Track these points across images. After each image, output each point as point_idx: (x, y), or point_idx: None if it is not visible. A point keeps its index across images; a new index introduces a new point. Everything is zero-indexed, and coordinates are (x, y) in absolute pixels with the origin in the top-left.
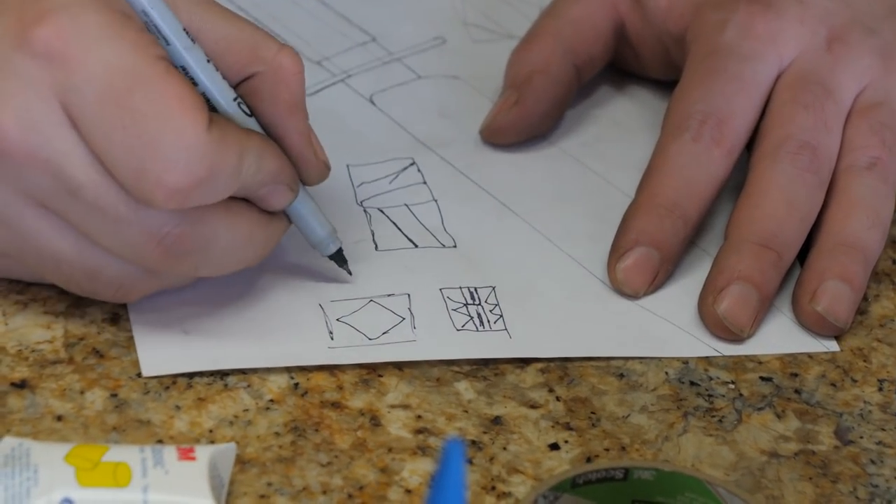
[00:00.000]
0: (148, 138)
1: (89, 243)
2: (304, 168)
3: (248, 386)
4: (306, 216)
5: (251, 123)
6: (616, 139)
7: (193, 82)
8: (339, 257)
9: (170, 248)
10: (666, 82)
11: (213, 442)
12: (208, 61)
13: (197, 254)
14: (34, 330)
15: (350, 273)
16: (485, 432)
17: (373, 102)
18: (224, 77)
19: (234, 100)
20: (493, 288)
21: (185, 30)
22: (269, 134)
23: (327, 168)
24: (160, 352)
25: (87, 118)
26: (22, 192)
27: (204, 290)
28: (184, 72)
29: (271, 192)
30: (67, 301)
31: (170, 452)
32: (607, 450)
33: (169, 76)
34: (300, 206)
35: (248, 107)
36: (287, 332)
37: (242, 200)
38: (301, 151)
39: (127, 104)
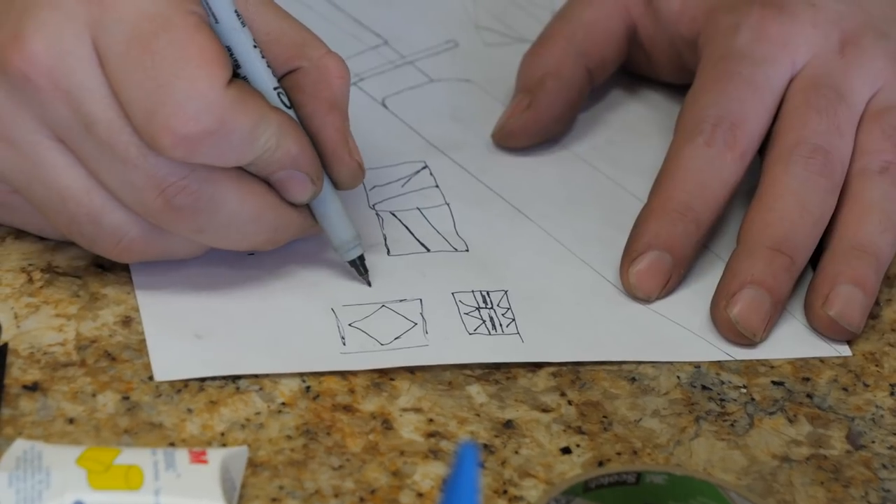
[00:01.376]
0: (163, 81)
1: (96, 184)
2: (338, 166)
3: (260, 389)
4: (331, 216)
5: (290, 115)
6: (628, 143)
7: (236, 64)
8: (359, 264)
9: (171, 200)
10: (678, 86)
11: (224, 445)
12: (255, 46)
13: (199, 215)
14: (46, 332)
15: (370, 285)
16: (497, 436)
17: (385, 106)
18: (269, 66)
19: (275, 89)
20: (506, 292)
21: (236, 12)
22: (306, 128)
23: (361, 170)
24: (173, 357)
25: (113, 56)
26: (41, 121)
27: (217, 294)
28: (229, 52)
29: (290, 178)
30: (79, 304)
31: (182, 455)
32: (619, 454)
33: (197, 29)
34: (326, 205)
35: (289, 99)
36: (299, 337)
37: (260, 180)
38: (336, 148)
39: (151, 47)
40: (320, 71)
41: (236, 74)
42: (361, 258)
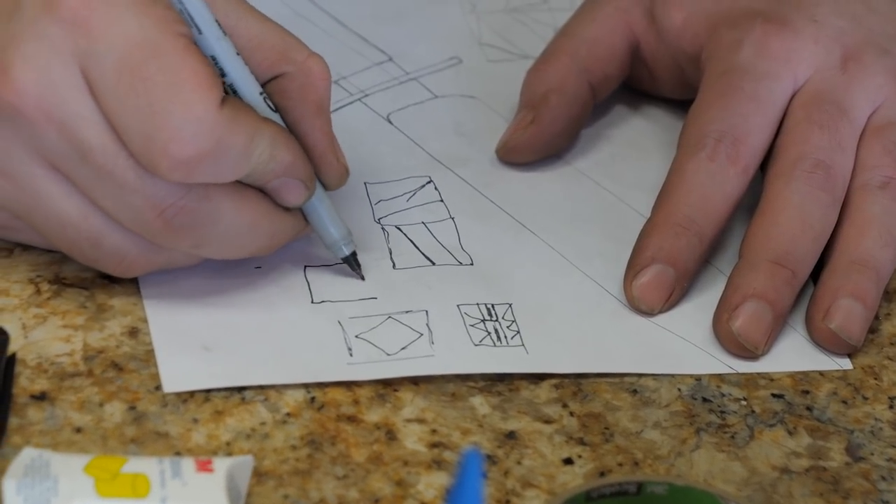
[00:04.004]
0: (158, 107)
1: (95, 209)
2: (325, 169)
3: (266, 399)
4: (322, 216)
5: (275, 119)
6: (631, 158)
7: (222, 73)
8: (352, 260)
9: (170, 221)
10: (681, 101)
11: (230, 454)
12: (237, 54)
13: (198, 231)
14: (53, 343)
15: (363, 278)
16: (499, 447)
17: (390, 121)
18: (252, 72)
19: (260, 93)
20: (510, 305)
21: (217, 22)
22: (293, 132)
23: (347, 172)
24: (181, 368)
25: (104, 84)
26: (35, 152)
27: (224, 307)
28: (213, 62)
29: (284, 185)
30: (86, 314)
31: (188, 464)
32: (620, 465)
33: (186, 52)
34: (316, 205)
35: (274, 104)
36: (307, 349)
37: (254, 189)
38: (323, 151)
39: (142, 73)
40: (305, 75)
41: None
42: (354, 254)
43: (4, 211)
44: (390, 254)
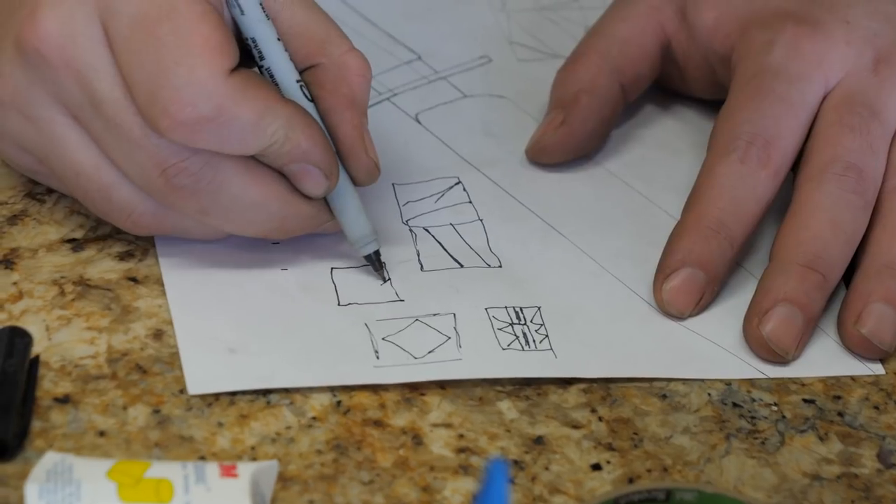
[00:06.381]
0: (164, 67)
1: (107, 161)
2: (353, 163)
3: (291, 403)
4: (347, 210)
5: (309, 108)
6: (661, 159)
7: (260, 56)
8: (375, 260)
9: (171, 180)
10: (711, 102)
11: (255, 459)
12: (278, 39)
13: (201, 197)
14: (77, 345)
15: (385, 280)
16: (527, 452)
17: (418, 121)
18: (291, 59)
19: (297, 81)
20: (539, 308)
21: (261, 5)
22: (325, 124)
23: (377, 168)
24: (206, 370)
25: (120, 39)
26: (56, 98)
27: (250, 309)
28: (252, 44)
29: (303, 171)
30: (111, 317)
31: (212, 469)
32: (649, 471)
33: (201, 18)
34: (342, 199)
35: (310, 93)
36: (333, 351)
37: (272, 170)
38: (352, 145)
39: (155, 32)
40: (340, 68)
41: (259, 66)
42: (377, 253)
43: (30, 155)
44: (418, 256)
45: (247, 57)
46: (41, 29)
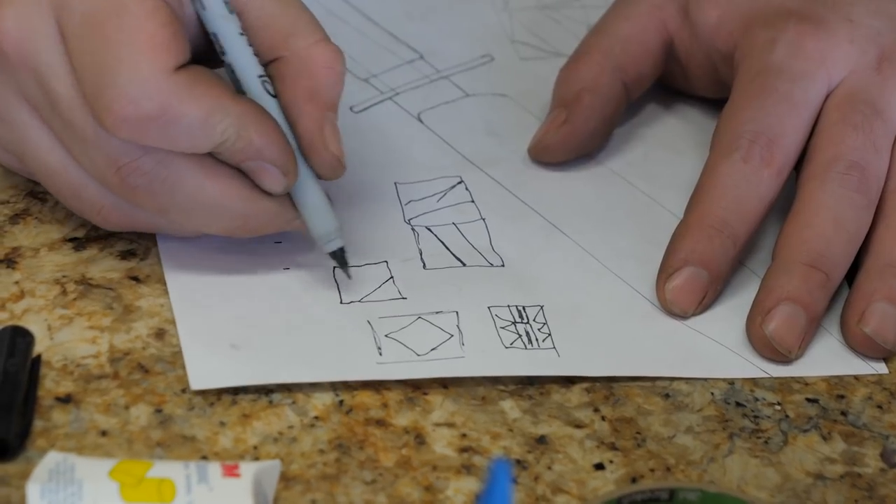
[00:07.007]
0: (109, 65)
1: (72, 161)
2: (313, 158)
3: (293, 403)
4: (309, 207)
5: (271, 104)
6: (664, 158)
7: (222, 51)
8: (339, 257)
9: (125, 179)
10: (714, 100)
11: (257, 458)
12: (241, 34)
13: (156, 195)
14: (79, 345)
15: (349, 277)
16: (529, 451)
17: (420, 120)
18: (256, 53)
19: (259, 76)
20: (542, 307)
21: (225, 0)
22: (287, 118)
23: (339, 163)
24: (209, 366)
25: (71, 37)
26: (23, 98)
27: (252, 305)
28: (215, 39)
29: (259, 168)
30: (113, 316)
31: (214, 469)
32: (652, 470)
33: (150, 15)
34: (305, 194)
35: (274, 88)
36: (335, 347)
37: (230, 168)
38: (310, 139)
39: (102, 30)
40: (303, 61)
41: (221, 62)
42: (342, 250)
43: (11, 154)
44: (421, 254)
45: (213, 50)
46: (1, 28)
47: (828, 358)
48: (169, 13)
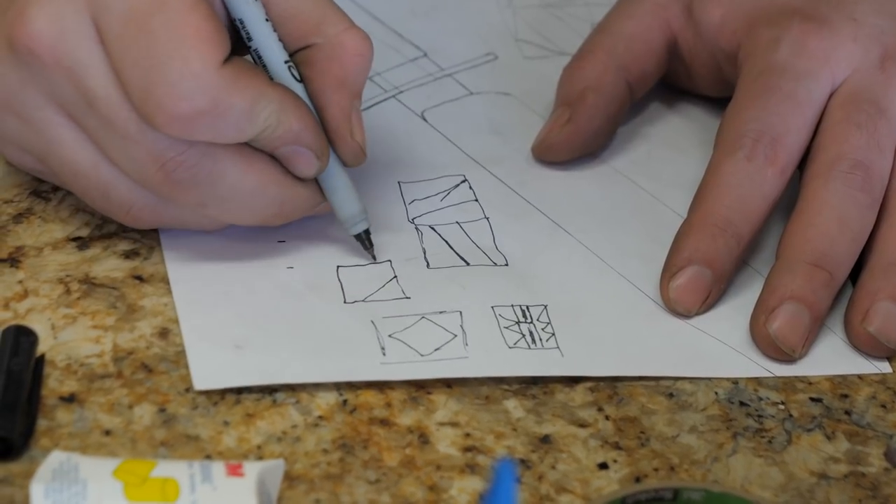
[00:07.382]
0: (157, 61)
1: (104, 159)
2: (339, 145)
3: (297, 402)
4: (337, 189)
5: (298, 89)
6: (668, 157)
7: (248, 37)
8: (364, 239)
9: (171, 175)
10: (718, 99)
11: (261, 458)
12: (266, 20)
13: (200, 188)
14: (83, 344)
15: (374, 258)
16: (533, 451)
17: (424, 119)
18: (281, 40)
19: (286, 62)
20: (546, 306)
21: None
22: (315, 105)
23: (362, 151)
24: (212, 366)
25: (111, 35)
26: (50, 97)
27: (256, 306)
28: (241, 25)
29: (294, 153)
30: (116, 315)
31: (218, 468)
32: (656, 470)
33: (193, 8)
34: (333, 179)
35: (300, 73)
36: (339, 347)
37: (264, 155)
38: (337, 126)
39: (146, 26)
40: (333, 48)
41: (248, 48)
42: (367, 232)
43: (30, 155)
44: (424, 253)
45: (237, 38)
46: (31, 28)
47: (831, 357)
48: (207, 5)
